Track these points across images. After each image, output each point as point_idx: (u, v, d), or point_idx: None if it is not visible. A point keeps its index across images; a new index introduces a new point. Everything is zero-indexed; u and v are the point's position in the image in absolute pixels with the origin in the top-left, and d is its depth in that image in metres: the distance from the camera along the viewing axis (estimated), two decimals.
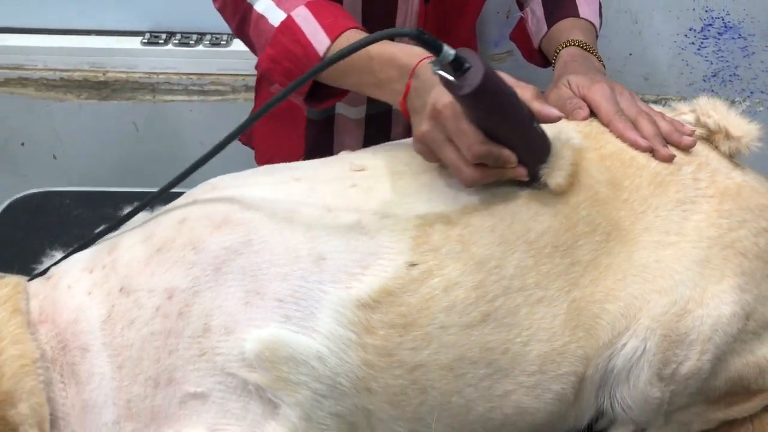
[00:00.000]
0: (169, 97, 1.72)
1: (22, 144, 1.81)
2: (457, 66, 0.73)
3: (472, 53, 0.74)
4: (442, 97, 0.79)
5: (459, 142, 0.80)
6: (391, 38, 0.84)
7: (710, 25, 1.65)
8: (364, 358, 0.77)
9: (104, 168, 1.81)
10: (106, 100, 1.72)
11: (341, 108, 1.23)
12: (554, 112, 0.82)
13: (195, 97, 1.72)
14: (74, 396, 0.76)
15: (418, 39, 0.72)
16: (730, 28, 1.65)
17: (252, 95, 1.72)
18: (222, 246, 0.78)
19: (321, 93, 1.01)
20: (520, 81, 0.83)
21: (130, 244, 0.82)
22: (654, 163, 0.87)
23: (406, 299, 0.78)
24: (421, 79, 0.85)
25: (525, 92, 0.81)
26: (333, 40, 0.93)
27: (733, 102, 1.73)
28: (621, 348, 0.83)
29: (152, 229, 0.82)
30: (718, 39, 1.67)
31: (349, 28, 0.94)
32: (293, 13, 0.96)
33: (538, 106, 0.82)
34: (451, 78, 0.74)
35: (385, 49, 0.90)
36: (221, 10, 1.10)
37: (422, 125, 0.82)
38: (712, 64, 1.70)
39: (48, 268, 0.86)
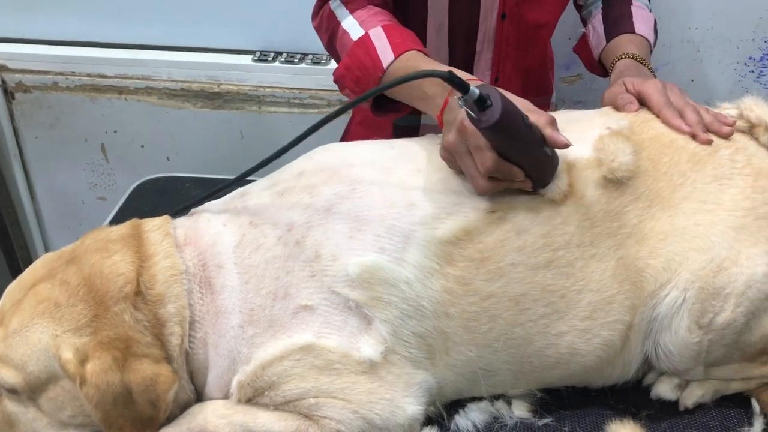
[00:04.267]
0: (272, 109, 1.92)
1: (142, 146, 2.04)
2: (480, 103, 0.85)
3: (496, 92, 0.85)
4: None
5: (476, 156, 0.92)
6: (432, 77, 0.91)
7: None
8: (445, 285, 0.93)
9: (211, 170, 2.02)
10: (218, 109, 1.94)
11: (426, 119, 1.39)
12: (563, 139, 0.92)
13: (295, 110, 1.91)
14: (209, 303, 0.94)
15: (449, 81, 0.84)
16: None
17: None
18: (332, 192, 0.96)
19: (385, 106, 1.17)
20: (538, 108, 0.94)
21: (258, 190, 1.01)
22: (693, 145, 1.01)
23: (483, 238, 0.94)
24: (456, 97, 0.99)
25: (540, 119, 0.92)
26: (396, 57, 1.09)
27: None
28: (664, 297, 0.95)
29: (276, 179, 1.02)
30: None
31: (412, 50, 1.09)
32: (370, 32, 1.14)
33: (550, 132, 0.92)
34: (473, 114, 0.86)
35: (434, 69, 1.05)
36: (317, 28, 1.28)
37: (449, 135, 0.95)
38: None
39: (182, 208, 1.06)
